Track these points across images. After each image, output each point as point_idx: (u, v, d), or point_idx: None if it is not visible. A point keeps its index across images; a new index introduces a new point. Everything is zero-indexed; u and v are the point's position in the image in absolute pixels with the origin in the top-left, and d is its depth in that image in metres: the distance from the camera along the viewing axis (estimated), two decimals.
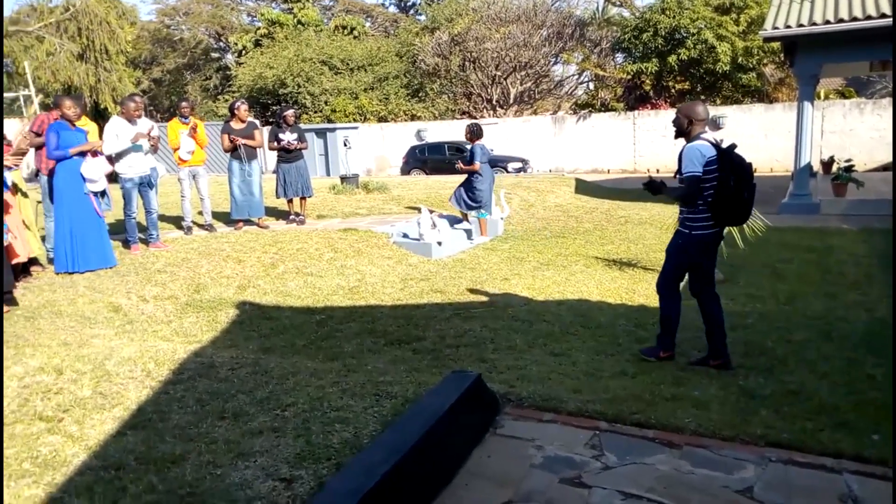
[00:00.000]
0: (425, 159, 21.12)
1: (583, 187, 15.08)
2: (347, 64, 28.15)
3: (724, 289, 5.55)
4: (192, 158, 8.13)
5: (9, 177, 5.81)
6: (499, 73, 27.52)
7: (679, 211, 4.33)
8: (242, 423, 2.94)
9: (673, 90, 24.33)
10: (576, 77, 30.68)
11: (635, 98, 25.46)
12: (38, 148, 6.60)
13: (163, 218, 8.26)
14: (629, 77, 25.25)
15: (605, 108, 26.09)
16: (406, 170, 21.37)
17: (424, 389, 3.27)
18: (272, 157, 10.17)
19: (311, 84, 27.11)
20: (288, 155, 8.92)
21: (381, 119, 27.38)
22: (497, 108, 28.02)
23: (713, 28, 22.25)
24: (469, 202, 9.10)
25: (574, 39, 27.63)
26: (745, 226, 6.72)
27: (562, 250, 8.85)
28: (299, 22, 31.89)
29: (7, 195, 5.62)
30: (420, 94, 28.93)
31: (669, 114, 20.58)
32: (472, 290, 6.73)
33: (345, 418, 2.92)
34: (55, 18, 19.06)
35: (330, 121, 25.36)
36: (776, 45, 16.82)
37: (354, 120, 25.92)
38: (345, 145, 18.44)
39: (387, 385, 3.37)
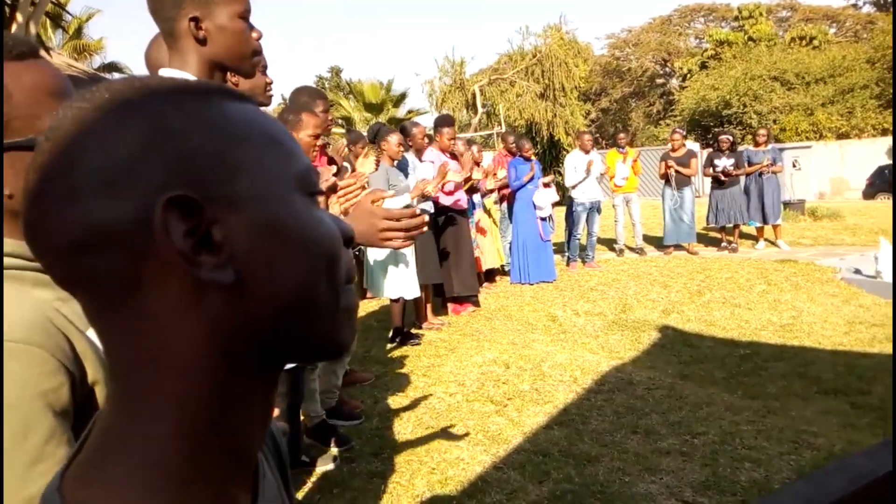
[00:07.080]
0: None
1: None
2: (803, 78, 25.59)
3: None
4: (626, 185, 8.65)
5: (481, 202, 7.20)
6: None
7: None
8: (652, 440, 3.13)
9: None
10: None
11: None
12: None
13: (598, 240, 8.98)
14: None
15: None
16: (870, 193, 18.39)
17: (857, 449, 2.93)
18: (708, 181, 10.07)
19: (758, 102, 25.50)
20: (722, 181, 8.73)
21: (842, 136, 24.03)
22: None
23: None
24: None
25: None
26: None
27: None
28: (750, 38, 30.33)
29: (481, 218, 7.01)
30: None
31: None
32: None
33: (756, 458, 2.85)
34: (525, 64, 22.31)
35: (778, 140, 23.37)
36: None
37: (807, 138, 23.38)
38: (794, 167, 16.89)
39: (810, 435, 3.13)
